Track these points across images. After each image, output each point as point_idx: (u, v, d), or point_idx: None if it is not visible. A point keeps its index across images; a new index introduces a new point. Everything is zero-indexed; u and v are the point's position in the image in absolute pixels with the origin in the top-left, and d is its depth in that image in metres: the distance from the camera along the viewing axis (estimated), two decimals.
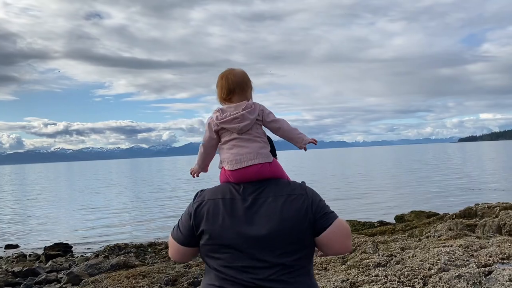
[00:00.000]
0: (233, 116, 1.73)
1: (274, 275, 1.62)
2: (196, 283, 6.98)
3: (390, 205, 20.22)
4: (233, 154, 1.74)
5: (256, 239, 1.64)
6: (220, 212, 1.68)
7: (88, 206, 27.23)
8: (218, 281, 1.67)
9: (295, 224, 1.65)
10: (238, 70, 1.83)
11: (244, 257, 1.64)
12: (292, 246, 1.66)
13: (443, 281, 4.66)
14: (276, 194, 1.70)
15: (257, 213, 1.67)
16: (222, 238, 1.66)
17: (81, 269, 9.20)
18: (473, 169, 44.61)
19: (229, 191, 1.74)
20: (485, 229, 9.04)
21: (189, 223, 1.74)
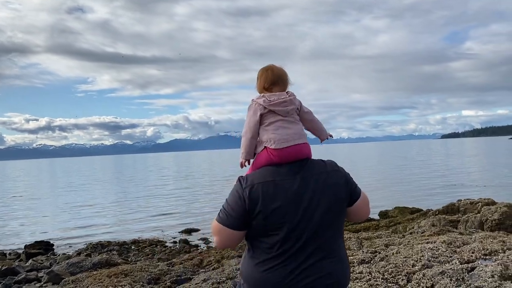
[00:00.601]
0: (282, 99, 1.92)
1: (330, 245, 1.86)
2: (179, 281, 6.89)
3: (374, 201, 20.32)
4: (279, 134, 1.88)
5: (308, 212, 1.81)
6: (274, 192, 1.80)
7: (71, 204, 26.84)
8: (273, 259, 1.82)
9: (337, 196, 1.87)
10: (279, 66, 2.04)
11: (300, 231, 1.80)
12: (334, 217, 1.87)
13: (427, 278, 4.65)
14: (318, 171, 1.88)
15: (307, 189, 1.83)
16: (278, 215, 1.79)
17: (62, 268, 9.03)
18: (455, 166, 45.24)
19: (276, 173, 1.85)
20: (467, 225, 9.13)
21: (243, 207, 1.81)
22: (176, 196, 28.09)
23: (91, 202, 27.41)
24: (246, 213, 1.80)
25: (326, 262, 1.84)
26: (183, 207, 22.74)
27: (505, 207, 9.21)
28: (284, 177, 1.84)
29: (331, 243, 1.87)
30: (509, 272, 4.35)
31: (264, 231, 1.82)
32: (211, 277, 6.21)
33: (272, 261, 1.82)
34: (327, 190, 1.85)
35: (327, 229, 1.85)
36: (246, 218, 1.81)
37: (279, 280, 1.80)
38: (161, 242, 13.86)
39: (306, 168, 1.87)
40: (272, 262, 1.82)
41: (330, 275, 1.84)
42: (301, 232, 1.81)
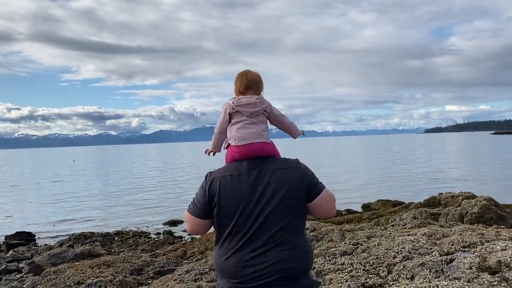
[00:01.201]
0: (248, 102, 2.13)
1: (282, 236, 1.99)
2: (162, 272, 6.88)
3: (357, 194, 20.56)
4: (240, 133, 2.09)
5: (260, 204, 1.99)
6: (230, 186, 2.01)
7: (53, 195, 26.53)
8: (229, 246, 2.01)
9: (292, 191, 2.01)
10: (254, 72, 2.25)
11: (250, 221, 1.98)
12: (288, 210, 2.01)
13: (407, 269, 4.73)
14: (276, 167, 2.05)
15: (260, 183, 2.01)
16: (232, 206, 1.99)
17: (44, 259, 8.95)
18: (438, 160, 45.91)
19: (235, 168, 2.06)
20: (448, 217, 9.29)
21: (204, 198, 2.05)
22: (161, 188, 27.98)
23: (74, 193, 27.13)
24: (207, 204, 2.04)
25: (277, 251, 1.98)
26: (167, 198, 22.67)
27: (484, 201, 9.39)
28: (241, 171, 2.04)
29: (284, 233, 2.00)
30: (486, 264, 4.44)
31: (221, 222, 2.03)
32: (194, 268, 6.22)
33: (228, 249, 2.02)
34: (281, 185, 2.01)
35: (280, 221, 1.99)
36: (207, 208, 2.05)
37: (233, 268, 1.99)
38: (145, 234, 13.81)
39: (264, 164, 2.06)
40: (229, 251, 2.02)
41: (285, 261, 1.98)
42: (253, 223, 1.99)
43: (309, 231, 8.41)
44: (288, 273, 1.97)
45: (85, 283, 5.86)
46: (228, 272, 2.01)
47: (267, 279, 1.96)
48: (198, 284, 5.25)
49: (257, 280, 1.96)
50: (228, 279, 2.02)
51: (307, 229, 8.46)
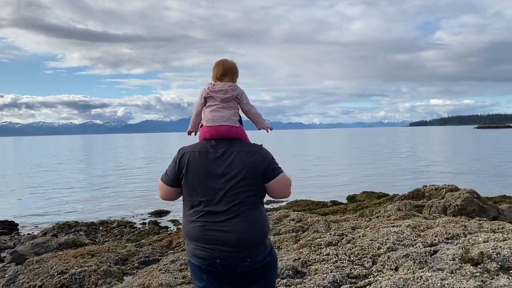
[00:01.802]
0: (220, 88, 2.39)
1: (239, 208, 2.26)
2: (147, 262, 6.85)
3: (343, 186, 20.70)
4: (212, 115, 2.36)
5: (222, 179, 2.27)
6: (198, 160, 2.31)
7: (38, 184, 26.19)
8: (194, 213, 2.30)
9: (251, 171, 2.28)
10: (231, 61, 2.52)
11: (214, 192, 2.27)
12: (246, 187, 2.27)
13: (391, 260, 4.78)
14: (240, 149, 2.32)
15: (224, 161, 2.29)
16: (198, 178, 2.29)
17: (27, 248, 8.84)
18: (422, 153, 46.44)
19: (204, 146, 2.35)
20: (431, 209, 9.40)
21: (175, 169, 2.35)
22: (147, 178, 27.80)
23: (59, 182, 26.82)
24: (177, 174, 2.35)
25: (236, 221, 2.25)
26: (153, 189, 22.53)
27: (467, 193, 9.52)
28: (209, 149, 2.33)
29: (242, 207, 2.27)
30: (469, 255, 4.51)
31: (188, 190, 2.33)
32: (180, 258, 6.20)
33: (193, 217, 2.31)
34: (242, 165, 2.28)
35: (239, 196, 2.27)
36: (176, 178, 2.35)
37: (198, 232, 2.27)
38: (130, 223, 13.72)
39: (230, 145, 2.33)
40: (193, 218, 2.30)
41: (240, 232, 2.25)
42: (215, 195, 2.27)
43: (295, 221, 8.45)
44: (244, 241, 2.25)
45: (68, 272, 5.80)
46: (193, 236, 2.30)
47: (224, 244, 2.24)
48: (183, 274, 5.24)
49: (216, 245, 2.24)
50: (194, 242, 2.31)
51: (293, 220, 8.51)
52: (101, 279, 5.73)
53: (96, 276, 5.76)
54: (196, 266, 2.36)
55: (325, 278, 4.27)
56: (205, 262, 2.29)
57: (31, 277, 6.00)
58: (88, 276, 5.72)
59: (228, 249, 2.24)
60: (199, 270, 2.35)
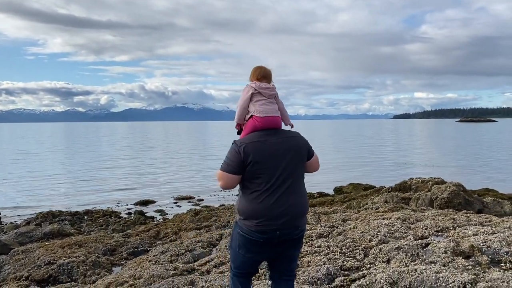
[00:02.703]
0: (267, 86, 2.84)
1: (298, 186, 2.76)
2: (136, 253, 6.78)
3: (329, 177, 20.82)
4: (263, 107, 2.77)
5: (282, 162, 2.68)
6: (260, 148, 2.66)
7: (19, 172, 25.70)
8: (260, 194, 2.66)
9: (301, 152, 2.79)
10: (268, 68, 2.96)
11: (279, 175, 2.67)
12: (302, 166, 2.81)
13: (383, 253, 4.80)
14: (288, 136, 2.80)
15: (282, 146, 2.71)
16: (263, 164, 2.65)
17: (10, 238, 8.66)
18: (406, 145, 46.98)
19: (260, 136, 2.72)
20: (418, 202, 9.51)
21: (239, 159, 2.65)
22: (131, 167, 27.55)
23: (41, 171, 26.37)
24: (242, 162, 2.65)
25: (294, 196, 2.71)
26: (138, 178, 22.34)
27: (454, 186, 9.65)
28: (265, 138, 2.71)
29: (297, 183, 2.75)
30: (460, 248, 4.55)
31: (253, 175, 2.66)
32: (170, 249, 6.15)
33: (260, 196, 2.66)
34: (294, 148, 2.75)
35: (294, 174, 2.73)
36: (241, 166, 2.66)
37: (264, 209, 2.64)
38: (115, 213, 13.58)
39: (280, 133, 2.78)
40: (260, 197, 2.65)
41: (297, 205, 2.72)
42: (278, 176, 2.67)
43: None
44: (301, 213, 2.75)
45: (56, 263, 5.70)
46: (259, 214, 2.65)
47: (286, 217, 2.66)
48: (174, 266, 5.19)
49: (278, 219, 2.65)
50: (257, 219, 2.66)
51: None
52: (90, 270, 5.65)
53: (84, 267, 5.68)
54: (252, 241, 2.70)
55: (319, 270, 4.26)
56: (265, 235, 2.67)
57: (17, 268, 5.89)
58: (77, 267, 5.63)
59: (289, 221, 2.68)
60: (254, 244, 2.71)
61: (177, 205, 15.17)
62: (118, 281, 4.80)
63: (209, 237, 6.69)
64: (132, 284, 4.66)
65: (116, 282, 4.78)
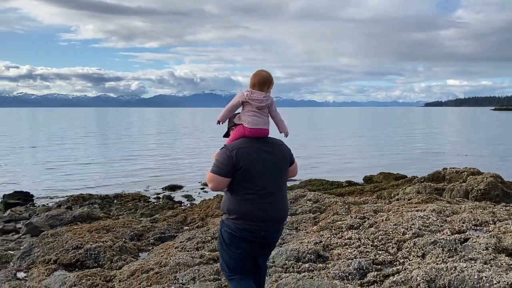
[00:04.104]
0: (257, 97, 2.88)
1: (280, 190, 2.94)
2: (163, 239, 6.74)
3: (358, 166, 20.43)
4: (252, 119, 2.88)
5: (271, 167, 2.87)
6: (250, 154, 2.83)
7: (53, 156, 26.37)
8: (249, 196, 2.82)
9: (286, 159, 3.00)
10: (266, 72, 2.96)
11: (265, 180, 2.85)
12: (284, 171, 3.00)
13: (418, 247, 4.57)
14: (275, 144, 2.97)
15: (270, 153, 2.90)
16: (253, 168, 2.81)
17: (41, 220, 8.81)
18: (438, 134, 45.72)
19: (249, 143, 2.87)
20: (452, 193, 9.13)
21: (231, 162, 2.80)
22: (160, 153, 27.82)
23: (74, 155, 26.97)
24: (233, 166, 2.80)
25: (280, 201, 2.93)
26: (166, 164, 22.53)
27: (491, 178, 9.20)
28: (254, 144, 2.87)
29: (281, 188, 2.96)
30: (502, 245, 4.27)
31: (243, 179, 2.82)
32: (196, 236, 6.07)
33: (247, 198, 2.82)
34: (281, 155, 2.96)
35: (280, 180, 2.94)
36: (232, 170, 2.81)
37: (252, 211, 2.82)
38: (144, 197, 13.69)
39: (268, 141, 2.94)
40: (249, 200, 2.82)
41: (281, 210, 2.94)
42: (266, 180, 2.85)
43: (312, 202, 8.26)
44: (282, 217, 2.97)
45: (83, 247, 5.70)
46: (248, 215, 2.82)
47: (271, 220, 2.87)
48: (200, 253, 5.10)
49: (265, 221, 2.84)
50: (245, 219, 2.83)
51: (310, 200, 8.33)
52: (116, 255, 5.63)
53: (111, 252, 5.66)
54: (240, 238, 2.87)
55: (350, 264, 4.07)
56: (251, 234, 2.85)
57: (46, 251, 5.94)
58: (103, 252, 5.62)
59: (273, 225, 2.90)
60: (241, 240, 2.88)
61: (204, 190, 15.19)
62: (144, 268, 4.75)
63: None
64: (157, 271, 4.59)
65: (142, 269, 4.72)
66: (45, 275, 5.12)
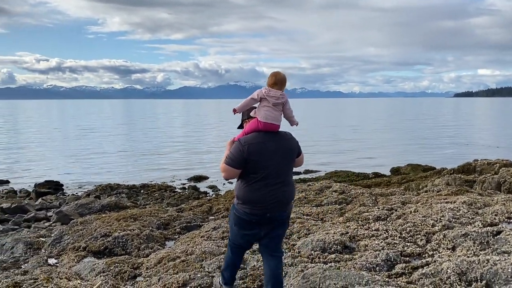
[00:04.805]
0: (274, 95, 3.20)
1: (286, 178, 3.29)
2: (189, 228, 6.80)
3: (384, 157, 20.13)
4: (266, 114, 3.20)
5: (278, 159, 3.21)
6: (260, 148, 3.17)
7: (81, 146, 26.98)
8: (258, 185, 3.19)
9: (293, 152, 3.34)
10: (282, 73, 3.30)
11: (272, 170, 3.19)
12: (290, 162, 3.35)
13: (448, 239, 4.45)
14: (283, 138, 3.30)
15: (278, 147, 3.22)
16: (262, 161, 3.17)
17: (71, 208, 9.02)
18: (468, 125, 44.53)
19: (261, 137, 3.21)
20: (484, 185, 8.88)
21: (242, 156, 3.16)
22: (186, 144, 28.08)
23: (102, 146, 27.53)
24: (244, 160, 3.17)
25: (285, 188, 3.26)
26: (192, 154, 22.73)
27: None
28: (265, 139, 3.21)
29: (288, 177, 3.32)
30: None
31: (253, 170, 3.19)
32: (221, 226, 6.09)
33: (257, 186, 3.19)
34: (288, 149, 3.29)
35: (286, 170, 3.30)
36: (243, 162, 3.18)
37: (261, 196, 3.19)
38: (170, 188, 13.86)
39: (276, 136, 3.26)
40: (257, 187, 3.19)
41: (286, 194, 3.26)
42: (274, 171, 3.20)
43: (338, 193, 8.17)
44: (287, 200, 3.30)
45: (112, 235, 5.81)
46: (255, 201, 3.20)
47: (276, 203, 3.21)
48: (226, 243, 5.11)
49: (270, 205, 3.19)
50: (253, 204, 3.21)
51: (335, 191, 8.24)
52: (144, 244, 5.71)
53: (138, 240, 5.75)
54: (247, 221, 3.27)
55: (378, 256, 4.00)
56: (257, 217, 3.23)
57: (75, 238, 6.07)
58: (131, 240, 5.71)
59: (279, 207, 3.25)
60: (248, 223, 3.27)
61: (229, 181, 15.26)
62: (171, 256, 4.80)
63: None
64: (184, 260, 4.63)
65: (169, 257, 4.77)
66: (75, 261, 5.24)
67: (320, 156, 20.94)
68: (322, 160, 19.42)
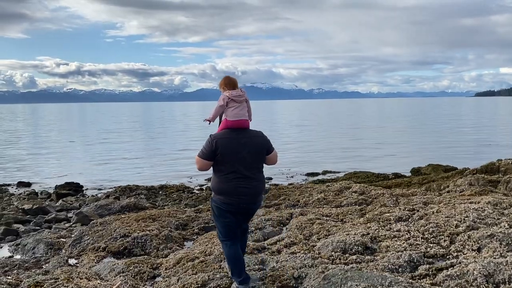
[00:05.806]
0: (237, 94, 3.70)
1: (254, 173, 3.67)
2: (207, 228, 6.78)
3: (404, 158, 19.83)
4: (234, 112, 3.65)
5: (246, 155, 3.60)
6: (228, 143, 3.59)
7: (101, 148, 27.31)
8: (229, 177, 3.60)
9: (262, 148, 3.72)
10: (233, 77, 3.85)
11: (239, 164, 3.59)
12: (260, 159, 3.73)
13: (472, 240, 4.33)
14: (252, 135, 3.71)
15: (246, 143, 3.62)
16: (231, 155, 3.57)
17: (91, 210, 9.11)
18: (490, 125, 43.65)
19: (230, 133, 3.64)
20: (509, 185, 8.64)
21: (211, 149, 3.58)
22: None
23: (121, 148, 27.82)
24: (213, 152, 3.58)
25: (254, 181, 3.65)
26: None
27: None
28: (233, 135, 3.61)
29: (256, 172, 3.67)
30: None
31: (222, 163, 3.59)
32: None
33: (227, 179, 3.59)
34: (255, 145, 3.66)
35: (254, 165, 3.65)
36: (212, 154, 3.59)
37: (231, 189, 3.58)
38: (188, 189, 13.89)
39: (245, 133, 3.66)
40: (228, 180, 3.59)
41: (255, 187, 3.66)
42: (242, 165, 3.58)
43: (357, 194, 8.07)
44: (259, 193, 3.71)
45: (131, 236, 5.83)
46: (228, 191, 3.60)
47: (247, 195, 3.61)
48: None
49: (243, 195, 3.59)
50: (227, 195, 3.61)
51: (355, 192, 8.13)
52: (163, 244, 5.72)
53: (157, 241, 5.75)
54: (224, 210, 3.66)
55: (400, 257, 3.91)
56: (233, 207, 3.63)
57: (95, 239, 6.11)
58: (150, 240, 5.72)
59: (250, 198, 3.64)
60: (226, 212, 3.66)
61: None
62: (189, 257, 4.78)
63: (279, 216, 6.52)
64: (202, 260, 4.61)
65: (187, 258, 4.76)
66: (95, 262, 5.27)
67: (339, 155, 20.76)
68: (340, 161, 19.25)
